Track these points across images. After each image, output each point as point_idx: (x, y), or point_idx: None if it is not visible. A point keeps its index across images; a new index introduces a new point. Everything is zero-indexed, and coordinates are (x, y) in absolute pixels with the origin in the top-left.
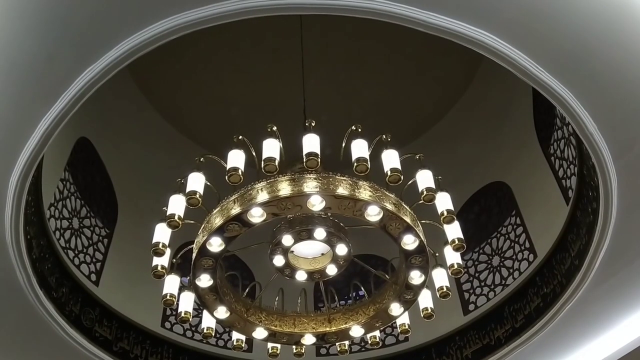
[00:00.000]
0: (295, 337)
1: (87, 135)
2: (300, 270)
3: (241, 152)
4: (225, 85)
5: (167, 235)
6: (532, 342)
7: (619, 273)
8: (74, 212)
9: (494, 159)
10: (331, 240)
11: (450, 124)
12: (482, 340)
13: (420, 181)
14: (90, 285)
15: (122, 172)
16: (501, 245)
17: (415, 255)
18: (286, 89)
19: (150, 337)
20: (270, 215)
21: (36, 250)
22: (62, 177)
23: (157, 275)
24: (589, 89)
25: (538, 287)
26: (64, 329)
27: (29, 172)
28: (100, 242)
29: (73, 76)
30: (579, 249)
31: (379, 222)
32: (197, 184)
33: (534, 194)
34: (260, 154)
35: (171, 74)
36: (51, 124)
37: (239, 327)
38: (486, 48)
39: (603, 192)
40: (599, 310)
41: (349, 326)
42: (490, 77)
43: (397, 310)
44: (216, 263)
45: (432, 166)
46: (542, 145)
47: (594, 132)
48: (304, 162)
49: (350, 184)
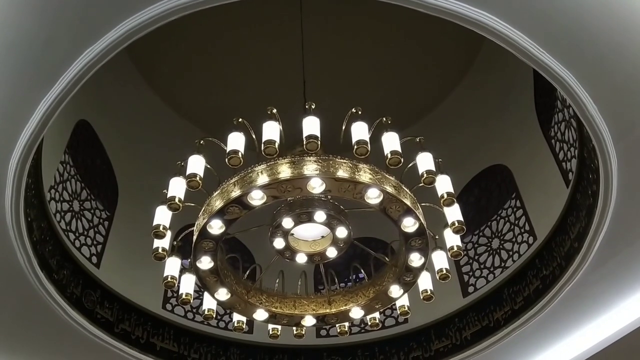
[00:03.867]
0: (295, 319)
1: (87, 118)
2: (300, 253)
3: (241, 135)
4: (225, 67)
5: (168, 217)
6: (531, 324)
7: (618, 255)
8: (74, 195)
9: (494, 142)
10: (331, 223)
11: (451, 107)
12: (481, 322)
13: (421, 164)
14: (91, 267)
15: (122, 155)
16: (501, 228)
17: (415, 237)
18: (286, 71)
19: (152, 318)
20: (270, 197)
21: (37, 232)
22: (62, 160)
23: (158, 257)
24: (591, 71)
25: (537, 270)
26: (65, 310)
27: (29, 155)
28: (100, 225)
29: (72, 58)
30: (578, 232)
31: (379, 205)
32: (197, 167)
33: (534, 176)
34: (260, 136)
35: (171, 56)
36: (50, 106)
37: (239, 309)
38: (488, 29)
39: (603, 174)
40: (598, 292)
41: (349, 308)
42: (491, 59)
43: (396, 292)
44: (217, 245)
45: (432, 149)
46: (542, 128)
47: (594, 114)
48: (304, 145)
49: (350, 167)
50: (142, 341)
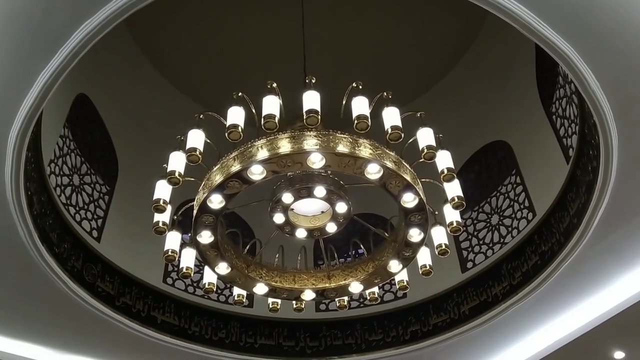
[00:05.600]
0: (295, 293)
1: (86, 92)
2: (300, 228)
3: (241, 109)
4: (225, 41)
5: (168, 192)
6: (529, 299)
7: (616, 231)
8: (74, 169)
9: (495, 118)
10: (331, 198)
11: (452, 82)
12: (480, 297)
13: (421, 139)
14: (91, 241)
15: (121, 129)
16: (501, 204)
17: (415, 213)
18: (287, 46)
19: (153, 292)
20: (270, 172)
21: (37, 206)
22: (61, 134)
23: (158, 231)
24: (593, 47)
25: (536, 245)
26: (66, 284)
27: (28, 128)
28: (101, 199)
29: (70, 30)
30: (577, 208)
31: (378, 180)
32: (197, 141)
33: (535, 153)
34: (260, 111)
35: (170, 31)
36: (49, 79)
37: (239, 283)
38: (490, 3)
39: (603, 150)
40: (595, 268)
41: (348, 282)
42: (493, 35)
43: (395, 267)
44: (217, 220)
45: (433, 124)
46: (544, 104)
47: (596, 90)
48: (304, 120)
49: (350, 142)
50: (143, 314)
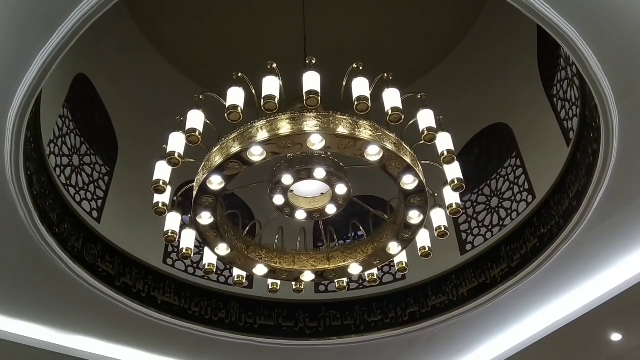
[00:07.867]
0: (294, 274)
1: (85, 72)
2: (299, 210)
3: (241, 90)
4: (225, 23)
5: (168, 172)
6: (527, 281)
7: (616, 214)
8: (74, 150)
9: (496, 100)
10: (331, 180)
11: (453, 64)
12: (478, 279)
13: (422, 120)
14: (91, 221)
15: (121, 109)
16: (500, 187)
17: (415, 195)
18: (287, 27)
19: (153, 272)
20: (270, 153)
21: (37, 186)
22: (61, 114)
23: (158, 212)
24: (595, 28)
25: (535, 228)
26: (67, 264)
27: (28, 107)
28: (101, 180)
29: (69, 9)
30: (577, 190)
31: (378, 162)
32: (196, 122)
33: (535, 135)
34: (260, 92)
35: (170, 11)
36: (48, 58)
37: (239, 264)
38: None
39: (604, 133)
40: (594, 250)
41: (348, 264)
42: (495, 17)
43: (395, 249)
44: (217, 201)
45: (433, 106)
46: (545, 86)
47: (597, 72)
48: (304, 101)
49: (350, 123)
50: (144, 295)
